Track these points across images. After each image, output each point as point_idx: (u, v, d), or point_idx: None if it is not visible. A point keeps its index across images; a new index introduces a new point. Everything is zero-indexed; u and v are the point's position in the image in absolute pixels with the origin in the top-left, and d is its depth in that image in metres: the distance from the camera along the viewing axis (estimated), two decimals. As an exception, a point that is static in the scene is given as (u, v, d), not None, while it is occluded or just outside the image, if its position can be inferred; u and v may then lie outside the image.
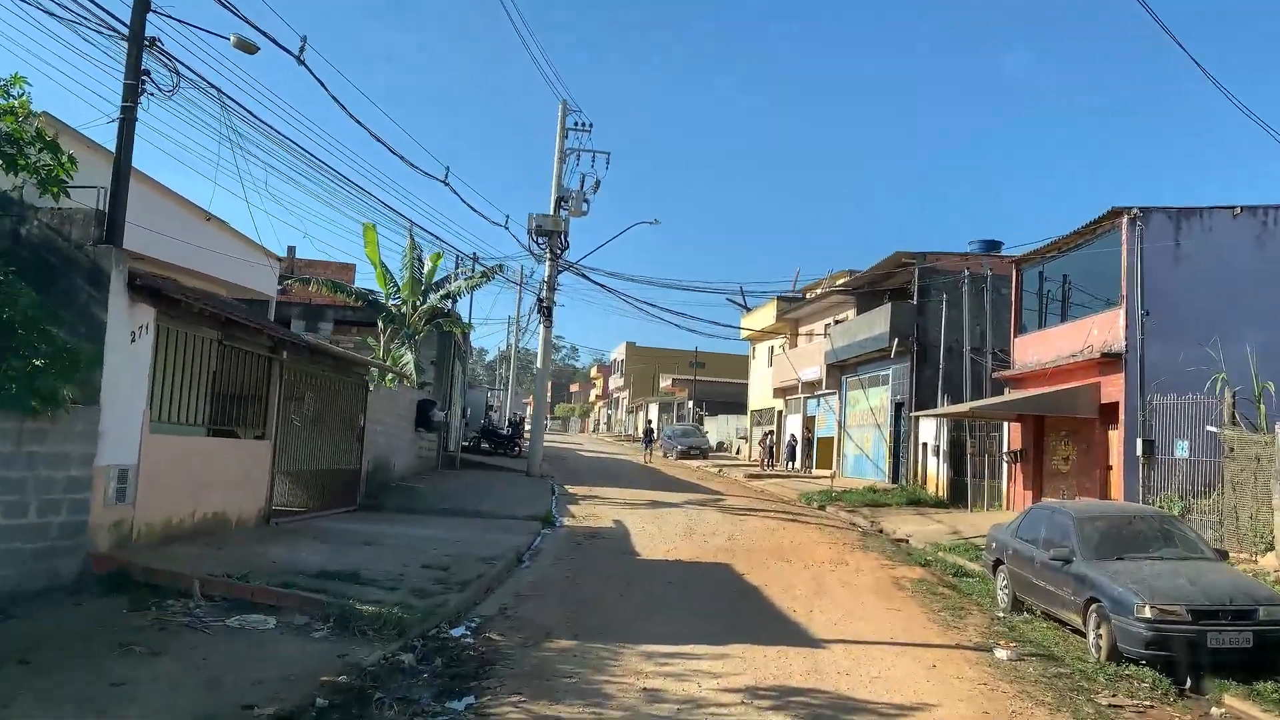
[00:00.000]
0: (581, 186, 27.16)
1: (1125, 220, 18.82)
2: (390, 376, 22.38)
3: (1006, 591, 12.26)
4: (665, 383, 71.29)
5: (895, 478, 29.82)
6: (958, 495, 26.03)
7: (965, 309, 25.56)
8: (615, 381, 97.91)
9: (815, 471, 37.31)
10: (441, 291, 23.61)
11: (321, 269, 29.96)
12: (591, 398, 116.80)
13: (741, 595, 12.11)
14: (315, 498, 17.11)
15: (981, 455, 24.40)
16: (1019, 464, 23.06)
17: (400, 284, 22.82)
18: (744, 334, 45.85)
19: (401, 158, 16.58)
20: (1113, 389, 18.98)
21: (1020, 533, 12.30)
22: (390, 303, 23.22)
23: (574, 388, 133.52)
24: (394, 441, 20.99)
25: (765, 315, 43.72)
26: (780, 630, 10.25)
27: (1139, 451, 17.92)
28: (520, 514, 18.16)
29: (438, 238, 21.61)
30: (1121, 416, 18.60)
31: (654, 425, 50.18)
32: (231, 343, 13.02)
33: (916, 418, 27.13)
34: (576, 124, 27.56)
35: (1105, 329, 19.40)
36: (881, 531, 20.96)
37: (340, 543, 13.31)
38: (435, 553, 13.13)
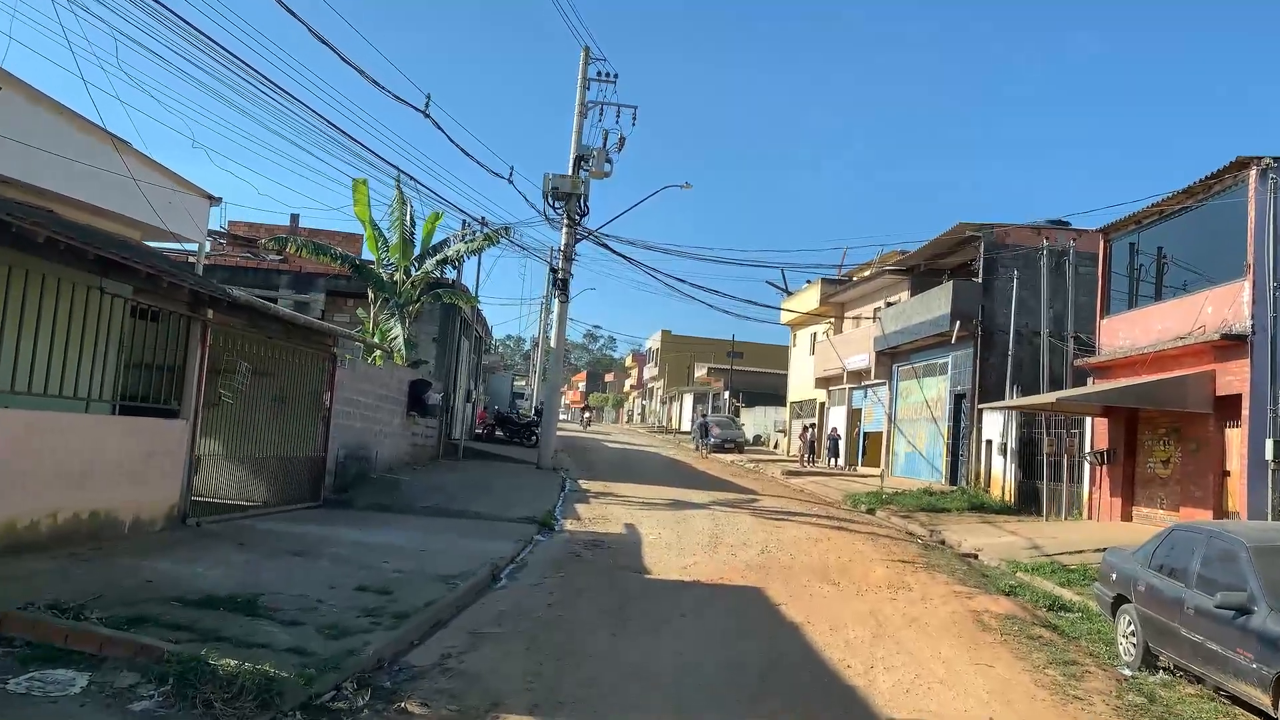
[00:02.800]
0: (604, 144, 24.17)
1: (1254, 172, 15.44)
2: (377, 352, 19.60)
3: (1135, 641, 9.10)
4: (700, 372, 68.12)
5: (954, 479, 26.53)
6: (1028, 501, 22.77)
7: (1043, 287, 22.15)
8: (650, 371, 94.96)
9: (861, 469, 34.07)
10: (439, 256, 20.73)
11: (326, 238, 27.33)
12: (626, 387, 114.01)
13: (776, 639, 9.07)
14: (272, 491, 14.41)
15: (1059, 456, 21.08)
16: (1105, 467, 19.72)
17: (389, 246, 19.97)
18: (784, 318, 42.61)
19: (375, 83, 13.69)
20: (1234, 378, 15.64)
21: (1157, 562, 9.12)
22: (382, 269, 20.40)
23: (609, 377, 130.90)
24: (377, 426, 18.21)
25: (808, 298, 40.46)
26: (829, 700, 7.22)
27: (1269, 454, 14.64)
28: (515, 515, 15.27)
29: (432, 192, 18.44)
30: (1245, 411, 15.27)
31: (708, 417, 46.18)
32: (142, 299, 10.26)
33: (983, 411, 23.79)
34: (599, 74, 24.61)
35: (1223, 306, 16.03)
36: (944, 544, 17.81)
37: (265, 552, 10.49)
38: (385, 567, 10.28)
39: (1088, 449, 20.57)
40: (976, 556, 16.19)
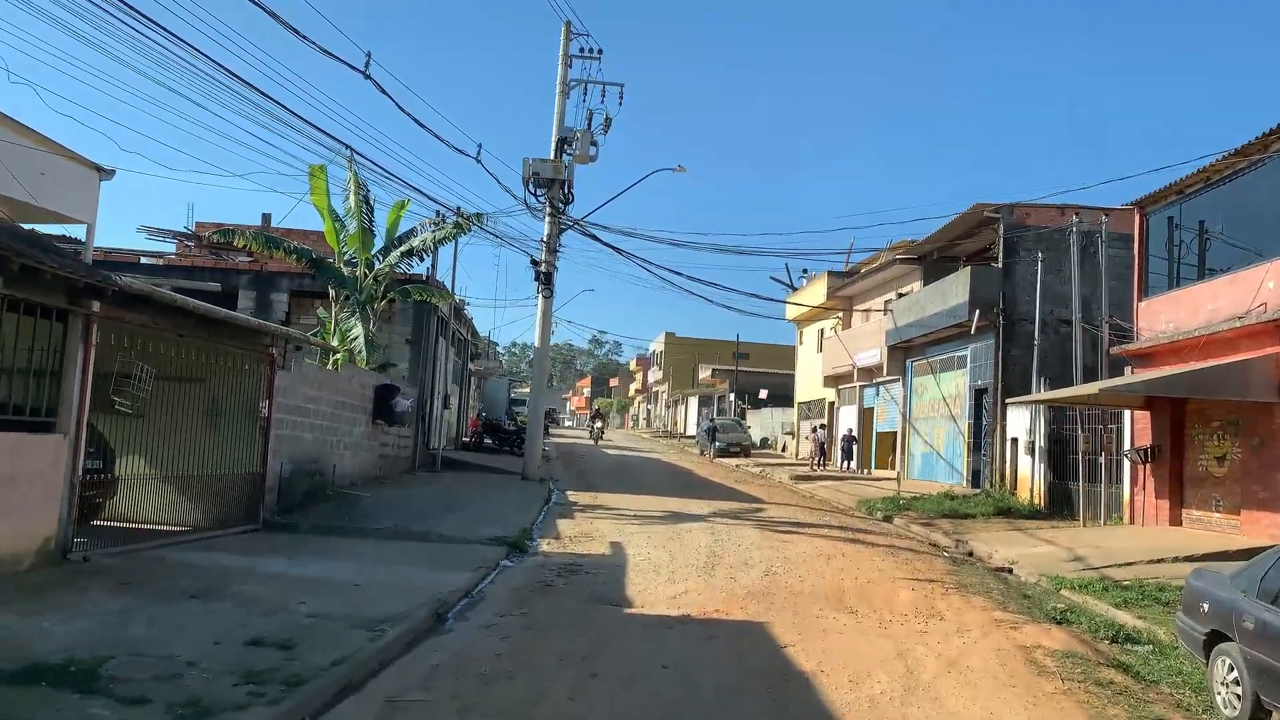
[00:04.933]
0: (589, 125, 22.24)
1: (1323, 125, 13.46)
2: (338, 355, 17.70)
3: (1240, 692, 7.12)
4: (705, 374, 66.15)
5: (976, 481, 24.51)
6: (1060, 504, 20.76)
7: (1074, 267, 20.11)
8: (654, 374, 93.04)
9: (874, 472, 32.07)
10: (404, 247, 18.80)
11: (300, 238, 25.48)
12: (631, 392, 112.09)
13: (782, 700, 7.12)
14: (204, 513, 12.57)
15: (1095, 454, 19.05)
16: (1148, 465, 17.70)
17: (347, 234, 18.00)
18: (789, 313, 40.62)
19: (313, 44, 11.80)
20: (1305, 361, 13.64)
21: (1270, 590, 7.13)
22: (343, 264, 18.47)
23: (613, 381, 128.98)
24: (335, 437, 16.31)
25: (814, 292, 38.49)
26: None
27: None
28: (483, 535, 13.34)
29: (387, 172, 16.33)
30: (1320, 400, 13.27)
31: (715, 420, 44.72)
32: (10, 291, 8.38)
33: (1008, 406, 21.75)
34: (582, 50, 22.71)
35: (1289, 279, 14.04)
36: (972, 555, 15.85)
37: (152, 593, 8.59)
38: (299, 610, 8.37)
39: (1127, 445, 18.55)
40: (1011, 571, 14.22)
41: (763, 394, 51.08)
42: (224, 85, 12.82)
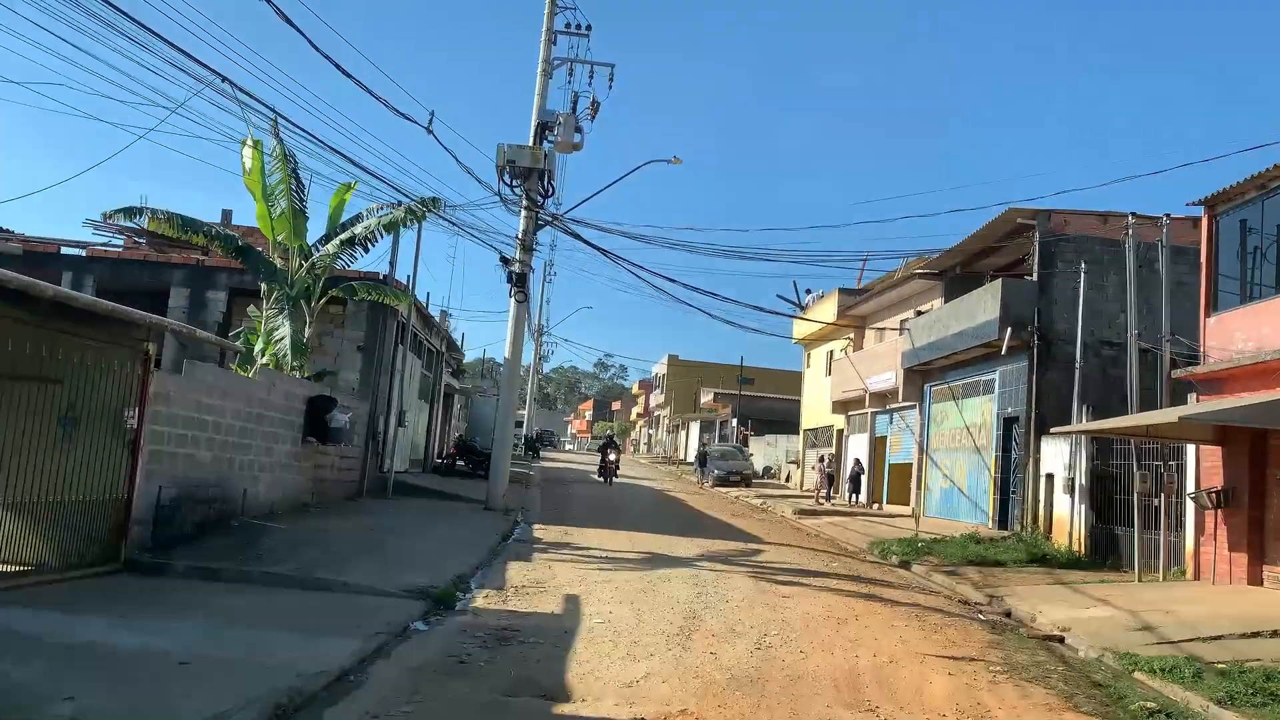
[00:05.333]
0: (574, 108, 19.68)
1: None
2: (264, 358, 15.01)
3: None
4: (706, 398, 63.38)
5: (1004, 521, 21.69)
6: (1104, 551, 17.98)
7: (1131, 279, 17.31)
8: (656, 398, 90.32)
9: (886, 507, 29.23)
10: (345, 235, 16.11)
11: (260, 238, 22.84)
12: (633, 416, 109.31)
13: None
14: (51, 549, 9.90)
15: (1152, 494, 16.24)
16: (1220, 511, 14.88)
17: (274, 219, 15.29)
18: (796, 332, 37.92)
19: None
20: None
21: None
22: (277, 255, 15.77)
23: (616, 405, 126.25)
24: (248, 456, 13.61)
25: (823, 311, 35.80)
26: None
27: None
28: (404, 584, 10.58)
29: (328, 146, 13.49)
30: None
31: (707, 446, 43.29)
32: None
33: (1051, 435, 18.90)
34: (568, 26, 20.17)
35: None
36: (1010, 615, 13.05)
37: None
38: (50, 713, 5.63)
39: (1191, 486, 15.75)
40: (1063, 640, 11.39)
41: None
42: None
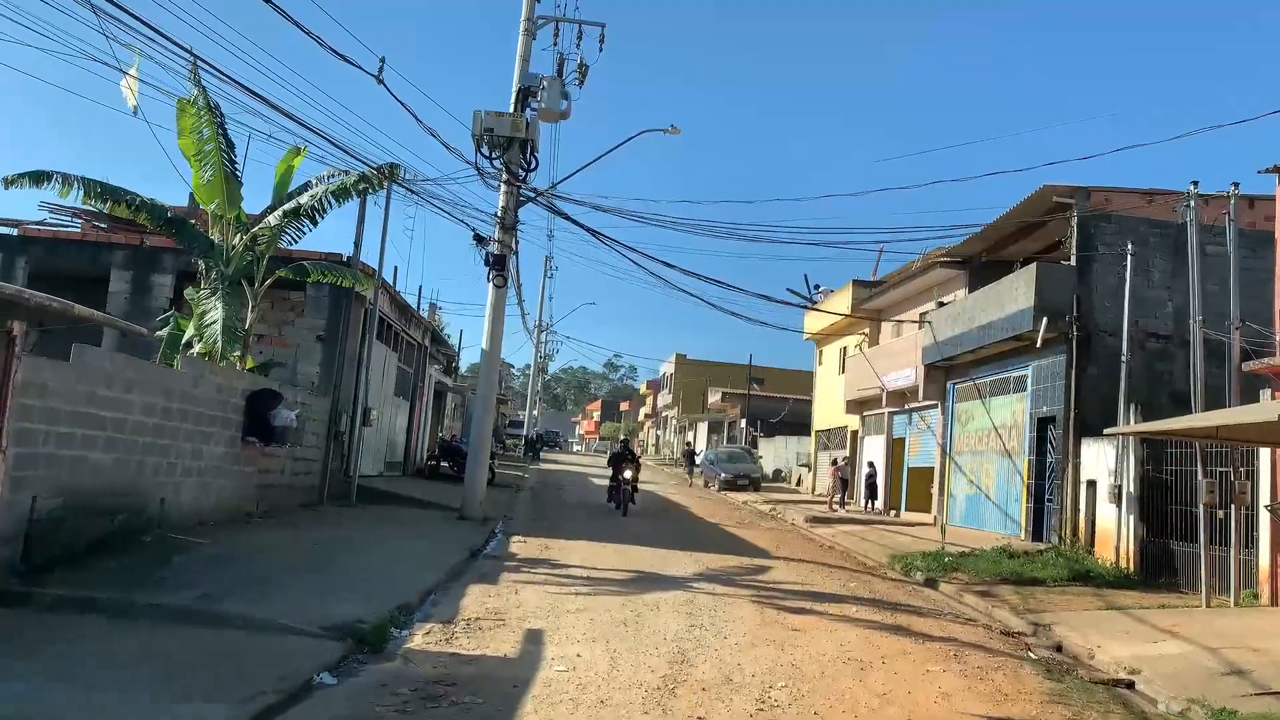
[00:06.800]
0: (559, 72, 17.65)
1: None
2: (198, 347, 13.05)
3: None
4: (714, 398, 61.29)
5: (1038, 532, 19.59)
6: (1157, 568, 15.90)
7: (1194, 261, 15.12)
8: (664, 399, 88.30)
9: (905, 515, 27.15)
10: (289, 205, 14.07)
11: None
12: (641, 417, 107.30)
13: None
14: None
15: (1220, 504, 14.12)
16: (1303, 525, 12.77)
17: (203, 186, 13.25)
18: (808, 329, 35.85)
19: None
20: None
21: None
22: (215, 229, 13.77)
23: (624, 406, 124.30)
24: (164, 459, 11.66)
25: (837, 305, 33.69)
26: None
27: None
28: (327, 618, 8.59)
29: (260, 97, 11.25)
30: None
31: (693, 445, 42.51)
32: None
33: (1106, 435, 16.72)
34: (554, -20, 18.13)
35: None
36: (1062, 649, 11.04)
37: None
38: None
39: (1266, 496, 13.64)
40: (1133, 685, 9.36)
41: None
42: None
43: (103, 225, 21.62)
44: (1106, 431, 15.32)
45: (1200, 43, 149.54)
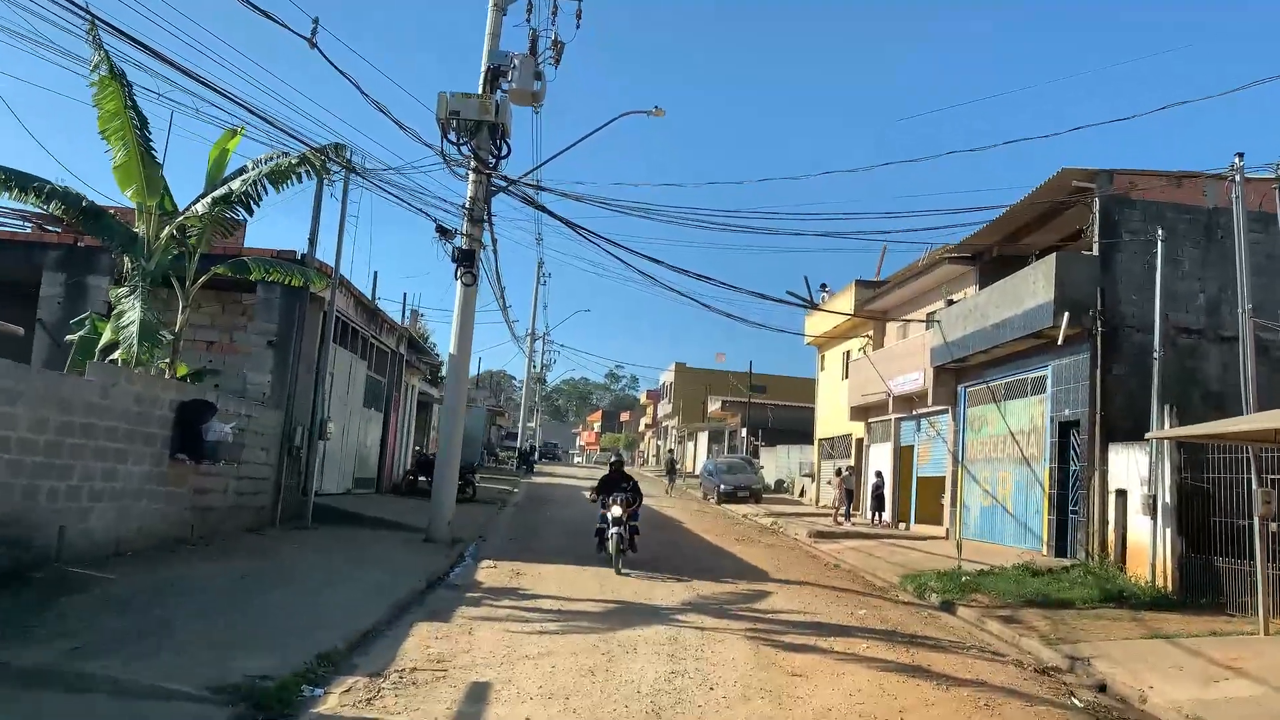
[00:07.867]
0: (533, 49, 16.16)
1: None
2: (119, 351, 11.52)
3: None
4: (714, 406, 59.72)
5: (1062, 547, 17.99)
6: (1198, 587, 14.30)
7: (1241, 243, 13.51)
8: (664, 408, 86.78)
9: (915, 528, 25.54)
10: (219, 191, 12.53)
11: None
12: (641, 427, 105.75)
13: None
14: None
15: (1273, 518, 12.52)
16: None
17: (118, 168, 11.70)
18: (809, 333, 34.29)
19: None
20: None
21: None
22: (141, 221, 12.23)
23: (624, 417, 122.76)
24: (65, 482, 10.10)
25: (839, 306, 32.15)
26: None
27: None
28: (224, 675, 7.02)
29: (160, 58, 9.75)
30: None
31: (675, 455, 42.85)
32: None
33: (1149, 439, 15.14)
34: (526, -50, 16.62)
35: None
36: (1106, 690, 9.52)
37: None
38: None
39: (1326, 509, 12.04)
40: (1199, 737, 7.77)
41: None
42: None
43: (55, 228, 20.11)
44: (1146, 435, 13.75)
45: (1200, 42, 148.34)
